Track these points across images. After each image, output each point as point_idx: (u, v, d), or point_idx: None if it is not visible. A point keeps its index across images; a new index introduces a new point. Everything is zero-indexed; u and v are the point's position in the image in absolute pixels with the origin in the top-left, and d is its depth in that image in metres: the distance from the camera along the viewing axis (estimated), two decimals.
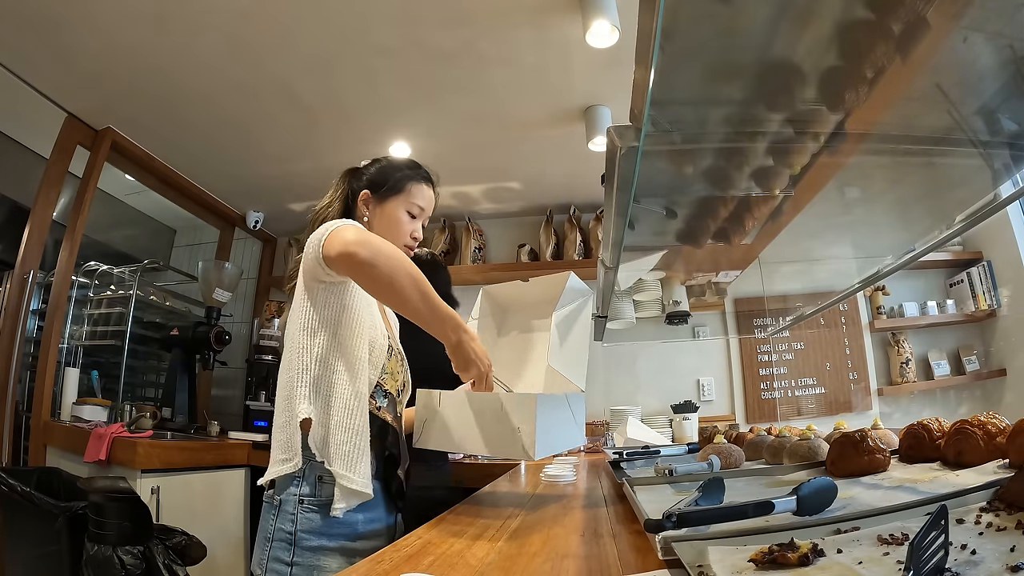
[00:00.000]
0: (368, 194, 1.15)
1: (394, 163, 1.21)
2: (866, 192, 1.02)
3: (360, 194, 1.15)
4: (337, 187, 1.18)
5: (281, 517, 0.93)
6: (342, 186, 1.18)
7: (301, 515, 0.92)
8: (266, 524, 0.95)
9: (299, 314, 0.99)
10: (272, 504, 0.95)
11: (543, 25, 1.82)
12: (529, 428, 0.93)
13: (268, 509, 0.96)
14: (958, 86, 0.68)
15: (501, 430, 0.97)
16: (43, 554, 1.64)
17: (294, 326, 0.99)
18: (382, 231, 1.13)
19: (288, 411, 0.95)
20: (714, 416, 2.96)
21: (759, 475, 1.01)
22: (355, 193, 1.17)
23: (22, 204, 2.45)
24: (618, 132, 0.63)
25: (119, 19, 1.79)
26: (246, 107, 2.27)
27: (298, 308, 1.00)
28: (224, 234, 3.38)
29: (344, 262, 0.90)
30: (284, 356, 1.01)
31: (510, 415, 0.96)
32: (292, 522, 0.92)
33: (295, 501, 0.93)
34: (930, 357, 2.87)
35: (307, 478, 0.94)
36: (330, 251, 0.91)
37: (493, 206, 3.24)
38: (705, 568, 0.47)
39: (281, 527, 0.92)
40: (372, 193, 1.15)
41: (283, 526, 0.92)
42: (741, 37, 0.62)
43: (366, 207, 1.15)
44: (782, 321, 1.77)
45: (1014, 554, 0.40)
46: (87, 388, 2.54)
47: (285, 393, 0.97)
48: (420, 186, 1.18)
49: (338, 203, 1.16)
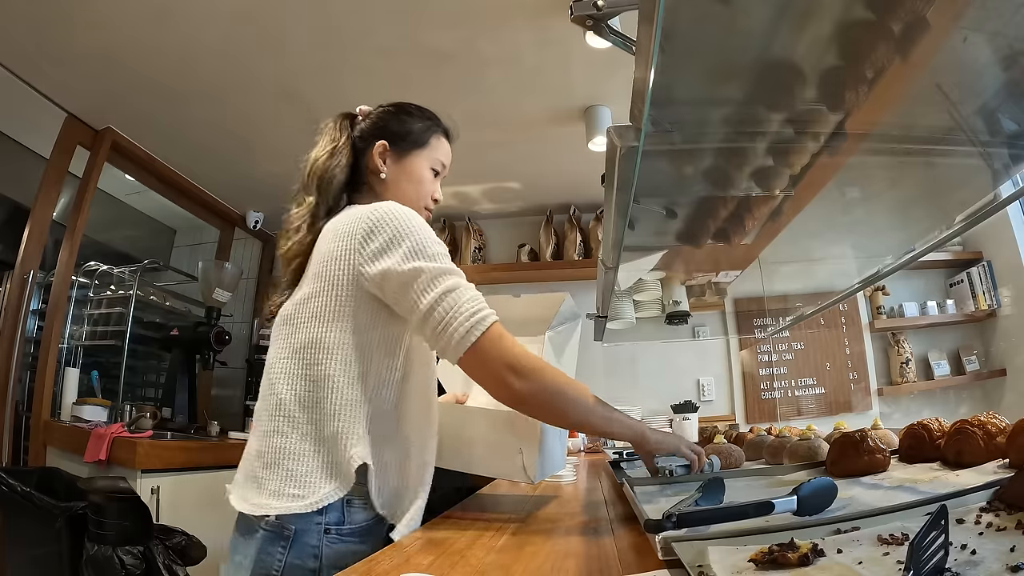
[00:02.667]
0: (385, 145, 0.98)
1: (411, 112, 1.03)
2: (866, 192, 1.02)
3: (375, 144, 0.98)
4: (337, 134, 0.99)
5: (296, 551, 0.77)
6: (344, 133, 0.99)
7: (328, 547, 0.78)
8: (266, 558, 0.77)
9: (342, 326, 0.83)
10: (278, 534, 0.77)
11: (543, 25, 1.82)
12: (532, 451, 0.92)
13: (270, 539, 0.77)
14: (958, 86, 0.68)
15: (503, 450, 0.95)
16: (43, 554, 1.64)
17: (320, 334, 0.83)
18: (403, 190, 0.98)
19: (310, 440, 0.80)
20: (714, 416, 2.96)
21: (759, 475, 1.01)
22: (365, 141, 0.99)
23: (22, 204, 2.45)
24: (618, 132, 0.63)
25: (119, 19, 1.79)
26: (247, 107, 2.27)
27: (338, 317, 0.83)
28: (224, 234, 3.38)
29: (500, 389, 0.80)
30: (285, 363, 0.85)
31: (513, 437, 0.94)
32: (316, 557, 0.77)
33: (318, 532, 0.78)
34: (930, 357, 2.87)
35: (332, 505, 0.79)
36: (478, 369, 0.80)
37: (493, 206, 3.24)
38: (705, 568, 0.47)
39: (296, 562, 0.77)
40: (390, 144, 0.98)
41: (299, 561, 0.77)
42: (741, 37, 0.62)
43: (382, 160, 0.98)
44: (782, 321, 1.77)
45: (1014, 554, 0.40)
46: (87, 388, 2.53)
47: (303, 416, 0.81)
48: (441, 139, 1.04)
49: (346, 153, 0.97)
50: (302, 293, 0.88)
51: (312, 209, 0.94)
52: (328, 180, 0.94)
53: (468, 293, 0.81)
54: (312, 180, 0.95)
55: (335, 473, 0.79)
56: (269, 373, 0.88)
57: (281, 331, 0.89)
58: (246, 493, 0.83)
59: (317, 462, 0.80)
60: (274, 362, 0.88)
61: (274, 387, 0.85)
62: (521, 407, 0.83)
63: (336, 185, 0.96)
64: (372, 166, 0.98)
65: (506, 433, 0.95)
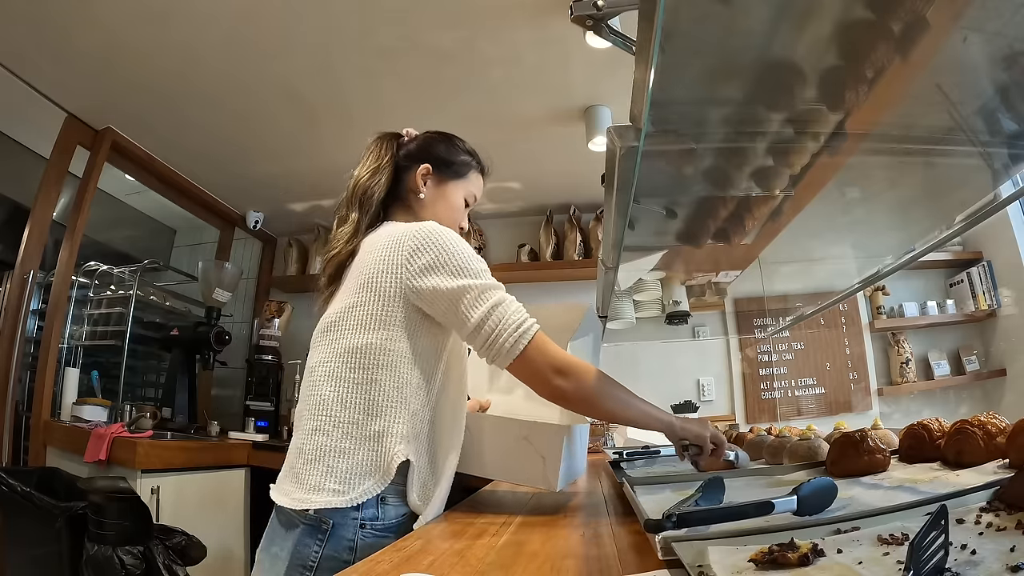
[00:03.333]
0: (429, 168, 1.06)
1: (456, 144, 1.12)
2: (866, 192, 1.02)
3: (420, 166, 1.06)
4: (381, 152, 1.06)
5: (332, 543, 0.82)
6: (388, 152, 1.07)
7: (362, 541, 0.83)
8: (304, 550, 0.82)
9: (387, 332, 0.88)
10: (316, 527, 0.82)
11: (543, 25, 1.82)
12: (554, 459, 0.94)
13: (309, 532, 0.83)
14: (958, 86, 0.68)
15: (524, 458, 0.97)
16: (43, 554, 1.64)
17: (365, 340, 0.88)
18: (438, 213, 1.05)
19: (352, 439, 0.85)
20: (714, 416, 2.95)
21: (759, 475, 1.01)
22: (410, 161, 1.07)
23: (22, 204, 2.45)
24: (618, 132, 0.63)
25: (120, 18, 1.79)
26: (246, 107, 2.27)
27: (382, 323, 0.88)
28: (224, 234, 3.38)
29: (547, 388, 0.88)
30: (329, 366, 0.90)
31: (535, 444, 0.96)
32: (351, 549, 0.82)
33: (355, 526, 0.83)
34: (930, 357, 2.87)
35: (368, 501, 0.84)
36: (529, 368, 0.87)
37: (493, 206, 3.24)
38: (705, 568, 0.47)
39: (332, 554, 0.81)
40: (433, 169, 1.06)
41: (335, 553, 0.81)
42: (741, 37, 0.62)
43: (423, 182, 1.06)
44: (782, 321, 1.77)
45: (1014, 554, 0.40)
46: (87, 388, 2.53)
47: (344, 416, 0.86)
48: (478, 176, 1.13)
49: (387, 171, 1.05)
50: (345, 303, 0.93)
51: (355, 225, 1.01)
52: (368, 197, 1.02)
53: (513, 306, 0.89)
54: (355, 198, 1.02)
55: (374, 470, 0.85)
56: (311, 375, 0.93)
57: (324, 338, 0.94)
58: (287, 487, 0.88)
59: (358, 459, 0.84)
60: (316, 365, 0.92)
61: (317, 388, 0.90)
62: (567, 404, 0.92)
63: (375, 201, 1.03)
64: (413, 185, 1.06)
65: (529, 442, 0.97)
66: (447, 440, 0.95)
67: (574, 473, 1.11)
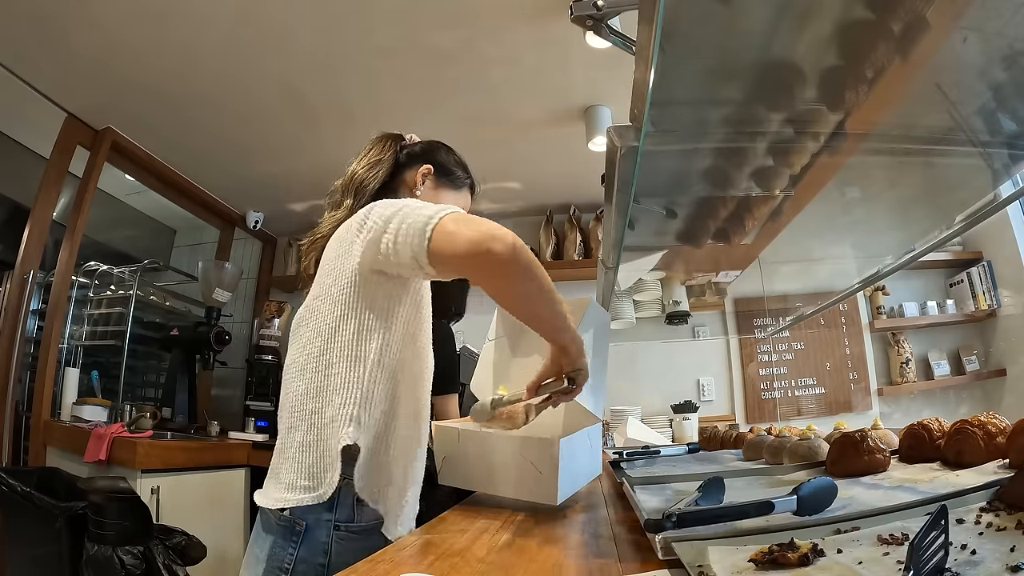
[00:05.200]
0: (431, 169, 1.07)
1: (456, 158, 1.14)
2: (866, 192, 1.03)
3: (421, 166, 1.06)
4: (384, 148, 1.06)
5: (307, 546, 0.79)
6: (390, 150, 1.07)
7: (337, 543, 0.80)
8: (279, 552, 0.80)
9: (340, 311, 0.84)
10: (290, 529, 0.80)
11: (543, 25, 1.82)
12: (551, 473, 0.91)
13: (283, 534, 0.80)
14: (958, 86, 0.68)
15: (523, 472, 0.94)
16: (43, 554, 1.64)
17: (324, 324, 0.85)
18: None
19: (316, 430, 0.82)
20: (714, 416, 2.95)
21: (759, 475, 1.01)
22: (411, 159, 1.08)
23: (22, 204, 2.45)
24: (618, 132, 0.63)
25: (120, 18, 1.79)
26: (246, 107, 2.27)
27: (337, 303, 0.84)
28: (224, 234, 3.38)
29: (478, 263, 0.75)
30: (299, 360, 0.88)
31: (529, 459, 0.93)
32: (325, 552, 0.79)
33: (328, 528, 0.80)
34: (930, 357, 2.87)
35: (343, 501, 0.81)
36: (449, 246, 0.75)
37: (493, 206, 3.24)
38: (705, 568, 0.47)
39: (307, 557, 0.79)
40: (434, 172, 1.08)
41: (309, 556, 0.79)
42: (741, 37, 0.62)
43: (422, 180, 1.06)
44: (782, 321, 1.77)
45: (1014, 554, 0.40)
46: (87, 388, 2.53)
47: (311, 406, 0.83)
48: (468, 194, 1.15)
49: (386, 166, 1.04)
50: (312, 293, 0.91)
51: (347, 212, 0.98)
52: (363, 187, 1.00)
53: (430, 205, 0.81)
54: (351, 186, 1.01)
55: (335, 459, 0.81)
56: (287, 373, 0.91)
57: (296, 334, 0.92)
58: (268, 488, 0.87)
59: (321, 451, 0.81)
60: (290, 363, 0.91)
61: (290, 385, 0.88)
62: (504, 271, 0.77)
63: (369, 192, 1.01)
64: (411, 181, 1.06)
65: (524, 457, 0.94)
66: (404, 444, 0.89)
67: (584, 478, 1.09)
